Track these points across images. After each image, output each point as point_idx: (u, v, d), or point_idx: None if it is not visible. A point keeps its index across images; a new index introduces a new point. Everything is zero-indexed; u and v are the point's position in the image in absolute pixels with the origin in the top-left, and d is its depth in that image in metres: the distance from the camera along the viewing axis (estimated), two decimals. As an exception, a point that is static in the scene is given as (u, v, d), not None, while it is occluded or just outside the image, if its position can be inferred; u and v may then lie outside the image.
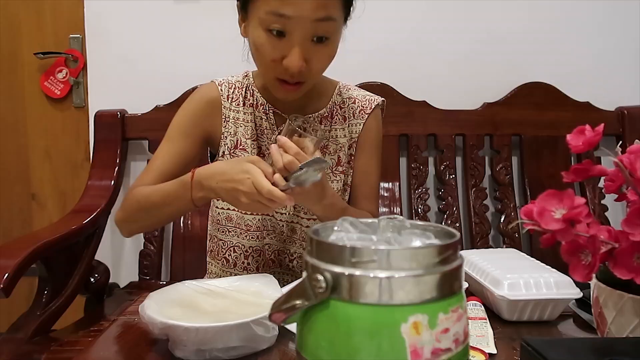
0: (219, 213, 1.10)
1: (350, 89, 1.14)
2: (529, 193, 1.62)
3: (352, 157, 1.11)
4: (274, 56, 0.91)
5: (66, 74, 1.73)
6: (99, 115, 1.62)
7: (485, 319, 0.84)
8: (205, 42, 1.66)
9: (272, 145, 0.92)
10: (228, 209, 1.08)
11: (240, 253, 1.08)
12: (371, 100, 1.12)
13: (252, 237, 1.07)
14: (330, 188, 1.01)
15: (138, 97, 1.65)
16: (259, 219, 1.06)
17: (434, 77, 1.68)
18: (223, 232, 1.09)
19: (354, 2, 0.96)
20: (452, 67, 1.68)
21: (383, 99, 1.14)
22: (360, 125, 1.10)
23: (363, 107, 1.11)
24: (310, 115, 1.07)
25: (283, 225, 1.08)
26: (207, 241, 1.16)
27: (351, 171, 1.11)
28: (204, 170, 0.91)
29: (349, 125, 1.10)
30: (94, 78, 1.70)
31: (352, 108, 1.11)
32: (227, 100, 1.07)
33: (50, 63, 1.73)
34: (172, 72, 1.66)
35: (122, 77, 1.68)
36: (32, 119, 1.76)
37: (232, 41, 1.02)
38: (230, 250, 1.09)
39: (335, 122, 1.09)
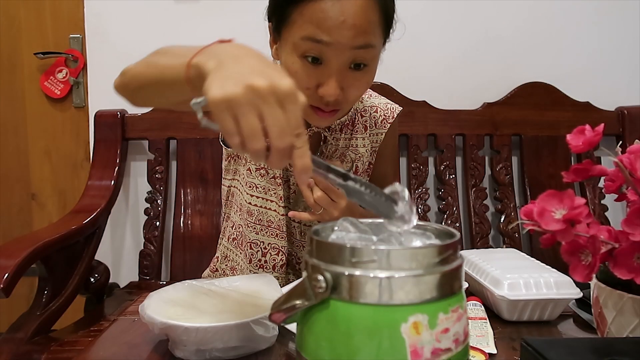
0: (244, 205, 1.06)
1: (371, 95, 1.12)
2: (529, 193, 1.62)
3: (371, 165, 1.10)
4: (308, 84, 0.85)
5: (66, 74, 1.73)
6: (99, 115, 1.62)
7: (485, 319, 0.84)
8: (206, 42, 1.64)
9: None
10: (249, 203, 1.04)
11: (258, 250, 1.05)
12: (393, 109, 1.12)
13: (271, 234, 1.04)
14: (357, 205, 1.01)
15: (138, 97, 1.65)
16: (280, 219, 1.03)
17: (434, 77, 1.68)
18: (245, 225, 1.06)
19: (393, 24, 0.92)
20: (452, 67, 1.68)
21: (401, 107, 1.13)
22: (382, 135, 1.10)
23: (385, 116, 1.10)
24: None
25: (295, 227, 1.07)
26: (230, 227, 1.13)
27: (367, 179, 1.11)
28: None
29: (370, 135, 1.09)
30: (94, 78, 1.70)
31: (374, 117, 1.09)
32: None
33: (50, 63, 1.73)
34: (172, 72, 1.65)
35: (122, 77, 1.68)
36: (32, 119, 1.76)
37: (232, 41, 1.02)
38: (248, 246, 1.06)
39: (357, 131, 1.07)
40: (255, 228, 1.05)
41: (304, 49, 0.83)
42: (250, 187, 1.04)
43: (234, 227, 1.12)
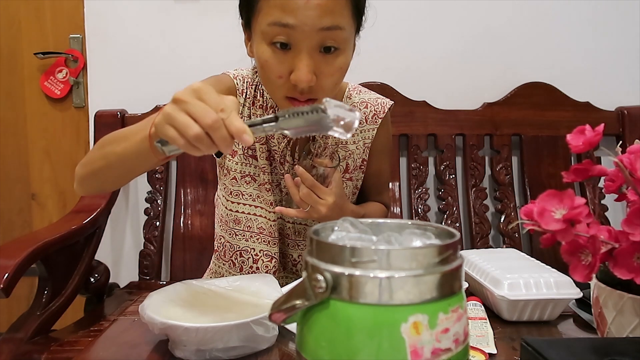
0: (227, 214, 1.05)
1: (361, 91, 1.10)
2: (529, 193, 1.62)
3: (364, 162, 1.08)
4: (280, 72, 0.85)
5: (66, 74, 1.73)
6: (99, 115, 1.62)
7: (485, 319, 0.84)
8: (206, 41, 1.66)
9: (287, 175, 0.95)
10: (236, 211, 1.04)
11: (249, 257, 1.04)
12: (383, 104, 1.08)
13: (263, 241, 1.03)
14: (348, 201, 1.02)
15: (138, 97, 1.65)
16: (271, 225, 1.02)
17: (434, 77, 1.68)
18: (231, 234, 1.05)
19: (365, 11, 0.90)
20: (452, 67, 1.68)
21: (392, 101, 1.11)
22: (373, 130, 1.07)
23: (376, 111, 1.07)
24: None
25: (289, 228, 1.06)
26: (214, 240, 1.14)
27: (362, 175, 1.09)
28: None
29: (361, 132, 1.07)
30: (94, 78, 1.70)
31: (364, 113, 1.07)
32: (242, 95, 1.01)
33: (50, 63, 1.73)
34: (172, 72, 1.66)
35: (122, 77, 1.68)
36: (32, 119, 1.76)
37: (233, 41, 1.02)
38: (237, 254, 1.05)
39: None
40: (244, 235, 1.04)
41: (272, 35, 0.83)
42: (236, 195, 1.03)
43: (216, 239, 1.12)
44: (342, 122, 0.60)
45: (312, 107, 0.60)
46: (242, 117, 1.00)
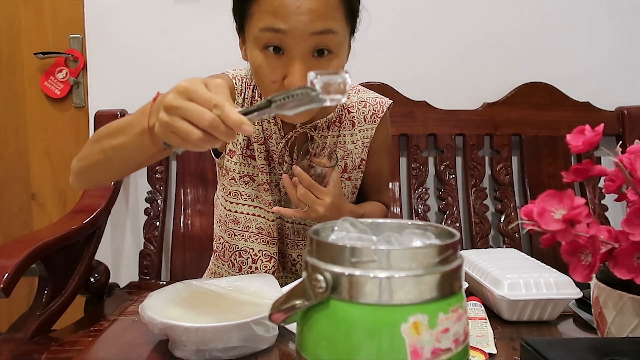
0: (226, 214, 1.05)
1: (359, 91, 1.10)
2: (529, 193, 1.62)
3: (363, 162, 1.08)
4: (274, 77, 0.84)
5: (66, 74, 1.73)
6: (99, 115, 1.62)
7: (485, 319, 0.84)
8: (206, 41, 1.66)
9: (284, 175, 0.95)
10: (235, 211, 1.04)
11: (248, 257, 1.04)
12: (382, 103, 1.08)
13: (262, 241, 1.03)
14: (346, 201, 1.02)
15: (138, 97, 1.63)
16: (270, 225, 1.02)
17: (434, 77, 1.68)
18: (230, 235, 1.05)
19: (359, 13, 0.90)
20: (452, 67, 1.68)
21: (391, 100, 1.10)
22: (372, 130, 1.07)
23: (375, 110, 1.07)
24: (318, 121, 1.02)
25: (288, 228, 1.06)
26: (213, 240, 1.14)
27: (361, 175, 1.09)
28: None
29: (360, 131, 1.06)
30: (94, 78, 1.70)
31: (362, 112, 1.07)
32: (240, 95, 1.01)
33: (50, 63, 1.73)
34: (172, 72, 1.65)
35: (122, 77, 1.68)
36: (32, 119, 1.76)
37: (232, 41, 1.02)
38: (236, 255, 1.05)
39: (344, 128, 1.05)
40: (243, 235, 1.04)
41: (265, 40, 0.83)
42: (235, 195, 1.03)
43: (215, 239, 1.12)
44: (332, 88, 0.61)
45: (302, 88, 0.60)
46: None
